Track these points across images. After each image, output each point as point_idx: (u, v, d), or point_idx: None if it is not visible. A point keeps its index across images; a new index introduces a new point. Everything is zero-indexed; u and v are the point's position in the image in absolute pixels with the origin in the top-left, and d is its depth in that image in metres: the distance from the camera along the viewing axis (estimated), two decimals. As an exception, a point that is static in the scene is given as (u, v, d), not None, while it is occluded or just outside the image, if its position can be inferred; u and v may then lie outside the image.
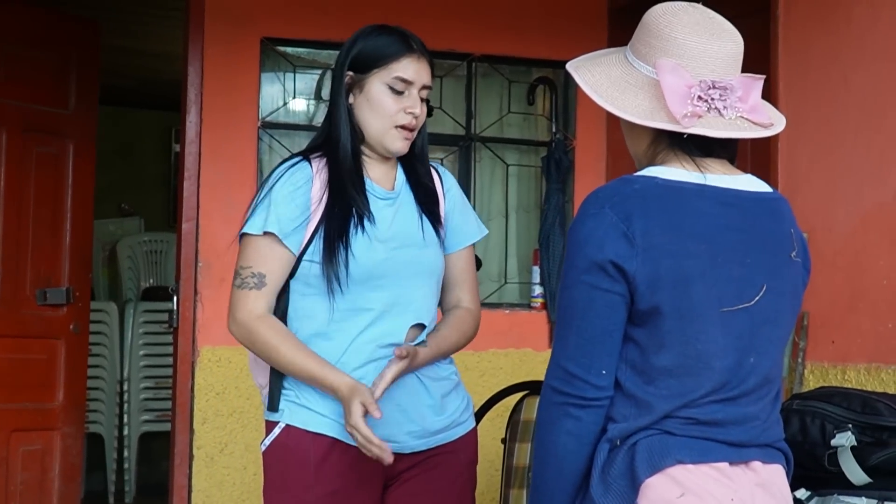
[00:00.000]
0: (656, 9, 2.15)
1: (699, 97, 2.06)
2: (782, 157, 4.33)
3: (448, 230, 2.94)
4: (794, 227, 2.20)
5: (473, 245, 3.00)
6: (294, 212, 2.76)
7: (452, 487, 2.86)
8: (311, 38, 5.28)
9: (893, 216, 3.84)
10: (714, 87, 2.07)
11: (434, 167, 2.98)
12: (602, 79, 2.17)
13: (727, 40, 2.10)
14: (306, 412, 2.76)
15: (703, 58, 2.08)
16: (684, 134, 2.08)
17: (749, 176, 2.18)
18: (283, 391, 2.79)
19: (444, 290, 2.96)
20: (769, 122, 2.13)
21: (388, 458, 2.59)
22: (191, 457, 5.04)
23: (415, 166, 2.91)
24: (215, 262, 5.05)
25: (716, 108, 2.07)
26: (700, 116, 2.07)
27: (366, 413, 2.59)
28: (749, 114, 2.10)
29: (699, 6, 2.15)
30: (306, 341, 2.76)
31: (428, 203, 2.88)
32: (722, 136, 2.08)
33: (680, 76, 2.07)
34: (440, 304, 2.96)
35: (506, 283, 5.56)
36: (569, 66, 2.24)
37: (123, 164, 9.39)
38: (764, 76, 2.17)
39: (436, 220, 2.88)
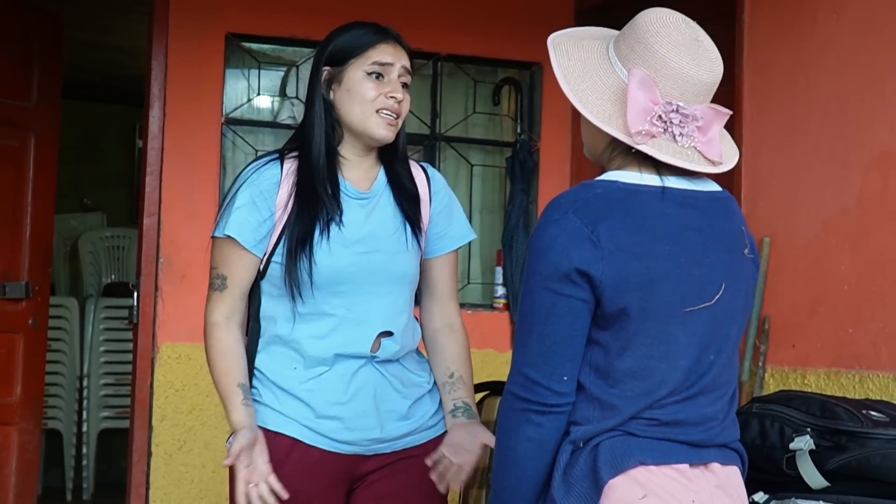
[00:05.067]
0: (651, 15, 2.13)
1: (659, 117, 2.08)
2: (745, 161, 4.34)
3: (433, 233, 2.90)
4: (744, 224, 2.23)
5: (457, 251, 2.97)
6: (256, 217, 2.74)
7: (419, 490, 2.82)
8: (277, 35, 5.26)
9: (855, 222, 3.86)
10: (677, 112, 2.08)
11: (424, 167, 2.94)
12: (576, 67, 2.17)
13: (706, 69, 2.11)
14: (268, 411, 2.75)
15: (678, 79, 2.09)
16: (633, 148, 2.09)
17: (702, 177, 2.20)
18: (251, 390, 2.78)
19: (431, 299, 2.94)
20: (719, 159, 2.14)
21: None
22: (149, 454, 5.01)
23: (396, 168, 2.86)
24: (176, 257, 5.02)
25: (671, 132, 2.09)
26: (653, 136, 2.08)
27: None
28: (703, 145, 2.11)
29: (693, 25, 2.14)
30: (270, 342, 2.76)
31: (409, 207, 2.84)
32: (666, 160, 2.09)
33: (648, 91, 2.07)
34: (426, 314, 2.94)
35: (468, 283, 5.55)
36: (549, 42, 2.21)
37: (86, 158, 9.34)
38: (731, 112, 2.18)
39: (415, 225, 2.83)
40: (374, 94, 2.75)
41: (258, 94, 5.33)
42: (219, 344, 2.75)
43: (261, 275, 2.78)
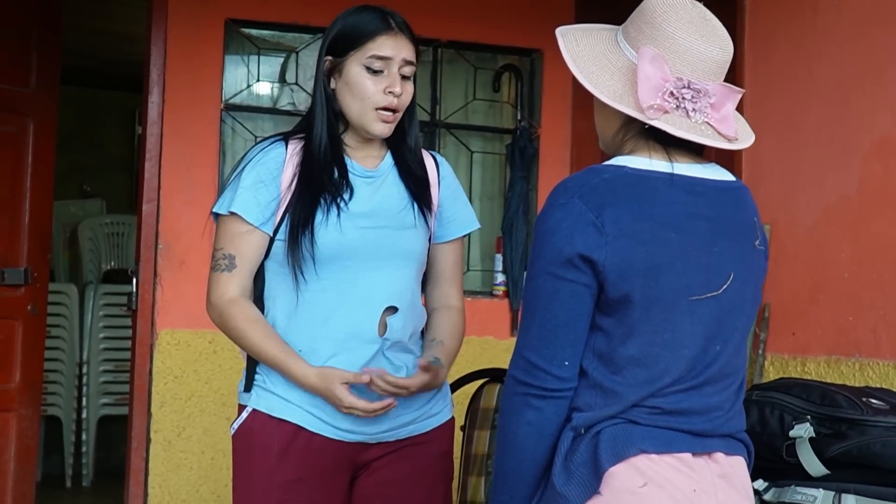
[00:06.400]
0: None
1: (671, 93, 2.06)
2: (746, 148, 4.33)
3: (439, 219, 2.89)
4: (756, 215, 2.22)
5: (463, 239, 2.96)
6: (265, 196, 2.74)
7: (423, 478, 2.84)
8: (277, 21, 5.25)
9: (855, 209, 3.85)
10: (688, 87, 2.07)
11: (432, 155, 2.94)
12: (585, 51, 2.16)
13: (716, 46, 2.10)
14: (272, 397, 2.74)
15: (687, 56, 2.08)
16: (646, 124, 2.08)
17: (714, 165, 2.19)
18: (255, 375, 2.78)
19: (432, 283, 2.93)
20: (734, 135, 2.13)
21: (394, 403, 2.67)
22: (148, 440, 5.01)
23: (404, 153, 2.86)
24: (175, 244, 5.01)
25: (684, 107, 2.08)
26: (666, 112, 2.07)
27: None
28: (717, 122, 2.11)
29: (699, 6, 2.15)
30: (275, 324, 2.75)
31: (417, 188, 2.84)
32: (681, 136, 2.08)
33: (659, 67, 2.06)
34: (428, 298, 2.94)
35: (468, 270, 5.55)
36: (558, 31, 2.21)
37: (85, 145, 9.32)
38: (743, 91, 2.17)
39: (425, 206, 2.83)
40: (372, 90, 2.74)
41: (258, 81, 5.32)
42: (246, 314, 2.73)
43: (266, 255, 2.77)
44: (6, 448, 5.34)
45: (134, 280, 5.06)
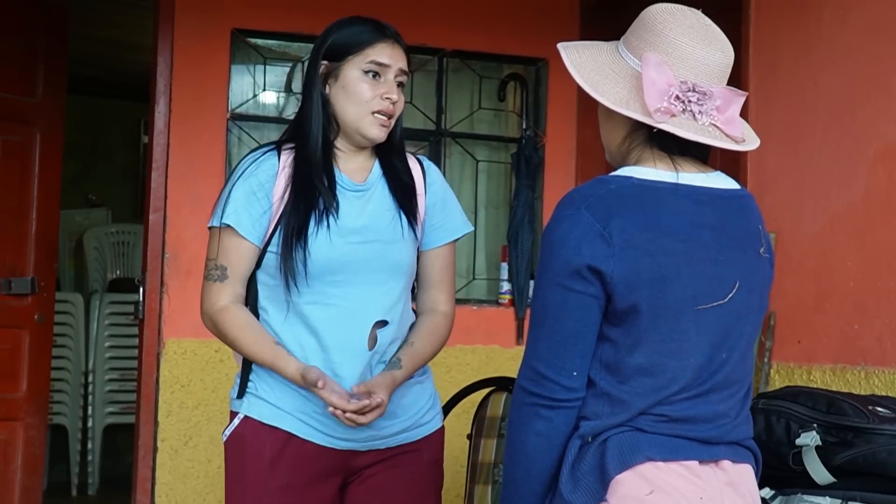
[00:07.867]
0: (656, 6, 2.17)
1: (677, 96, 2.08)
2: (751, 156, 4.34)
3: (427, 225, 2.90)
4: (761, 223, 2.23)
5: (454, 243, 2.96)
6: (257, 209, 2.75)
7: (414, 486, 2.85)
8: (282, 31, 5.26)
9: (861, 217, 3.86)
10: (694, 91, 2.09)
11: (420, 160, 2.95)
12: (588, 62, 2.18)
13: (717, 50, 2.12)
14: (263, 405, 2.76)
15: (690, 61, 2.10)
16: (654, 129, 2.09)
17: (718, 173, 2.20)
18: (248, 382, 2.80)
19: (422, 288, 2.94)
20: (741, 137, 2.14)
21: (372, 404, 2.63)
22: (155, 449, 5.01)
23: (392, 161, 2.87)
24: (182, 253, 5.02)
25: (690, 110, 2.09)
26: (673, 115, 2.08)
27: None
28: (724, 124, 2.12)
29: (698, 13, 2.17)
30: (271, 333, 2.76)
31: (404, 198, 2.84)
32: (690, 138, 2.09)
33: (663, 73, 2.08)
34: (417, 303, 2.94)
35: (474, 279, 5.55)
36: (559, 46, 2.23)
37: (92, 154, 9.34)
38: (746, 93, 2.19)
39: (411, 216, 2.84)
40: (369, 95, 2.76)
41: (264, 90, 5.33)
42: (237, 320, 2.76)
43: (257, 265, 2.79)
44: (13, 457, 5.35)
45: (141, 289, 5.07)
